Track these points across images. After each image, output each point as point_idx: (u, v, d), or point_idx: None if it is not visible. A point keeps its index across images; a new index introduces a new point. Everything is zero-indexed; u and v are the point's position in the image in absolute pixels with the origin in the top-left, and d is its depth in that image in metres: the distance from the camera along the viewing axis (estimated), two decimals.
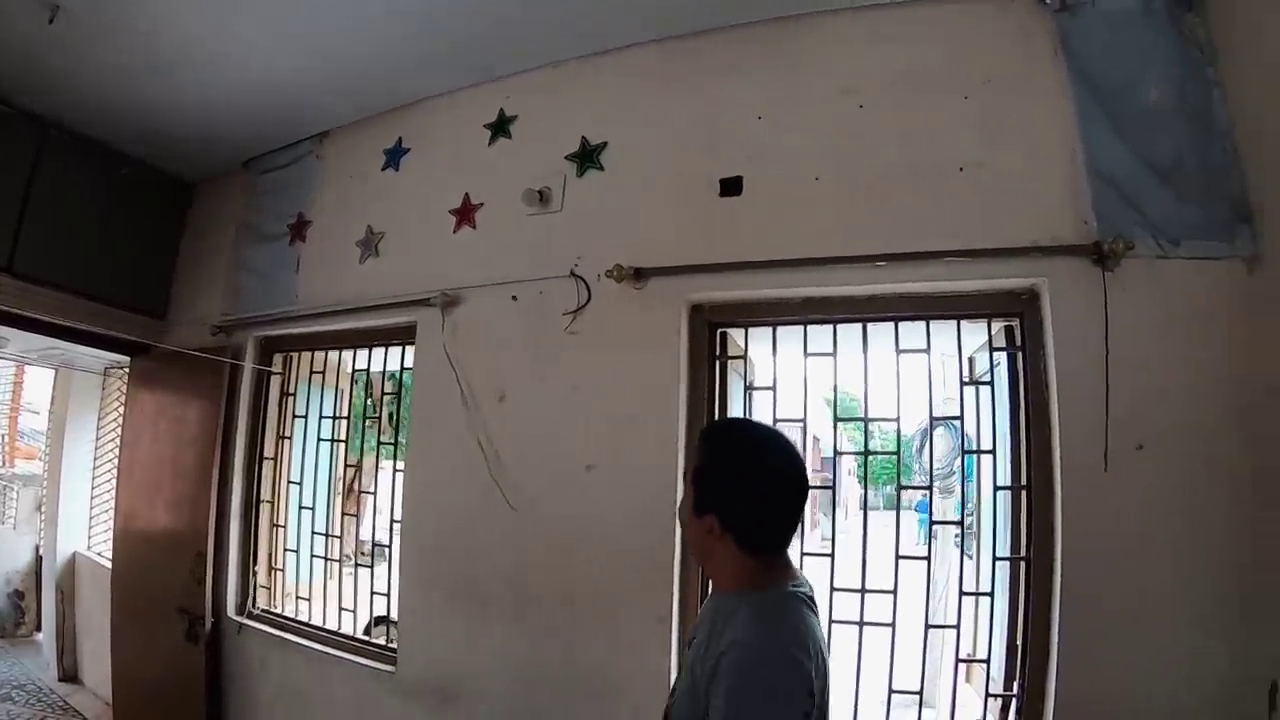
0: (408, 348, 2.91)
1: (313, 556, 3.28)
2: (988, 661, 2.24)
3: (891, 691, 2.24)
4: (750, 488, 1.23)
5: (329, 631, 3.04)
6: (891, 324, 2.33)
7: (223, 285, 3.54)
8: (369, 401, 3.57)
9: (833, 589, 2.33)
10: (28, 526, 5.89)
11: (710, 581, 1.46)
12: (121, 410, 4.21)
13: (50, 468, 4.99)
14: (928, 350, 2.31)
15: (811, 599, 1.25)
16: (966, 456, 2.46)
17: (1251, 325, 1.89)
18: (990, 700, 2.19)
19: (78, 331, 3.45)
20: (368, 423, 3.53)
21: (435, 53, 2.79)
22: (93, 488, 4.79)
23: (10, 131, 3.07)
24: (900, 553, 2.31)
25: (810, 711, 1.09)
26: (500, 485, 2.53)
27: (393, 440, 3.15)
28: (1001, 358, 2.28)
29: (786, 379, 2.47)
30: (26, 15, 2.48)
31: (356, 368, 3.20)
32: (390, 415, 3.19)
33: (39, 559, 5.46)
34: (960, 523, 2.60)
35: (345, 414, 3.44)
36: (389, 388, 3.18)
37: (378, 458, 3.45)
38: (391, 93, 3.08)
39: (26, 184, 3.12)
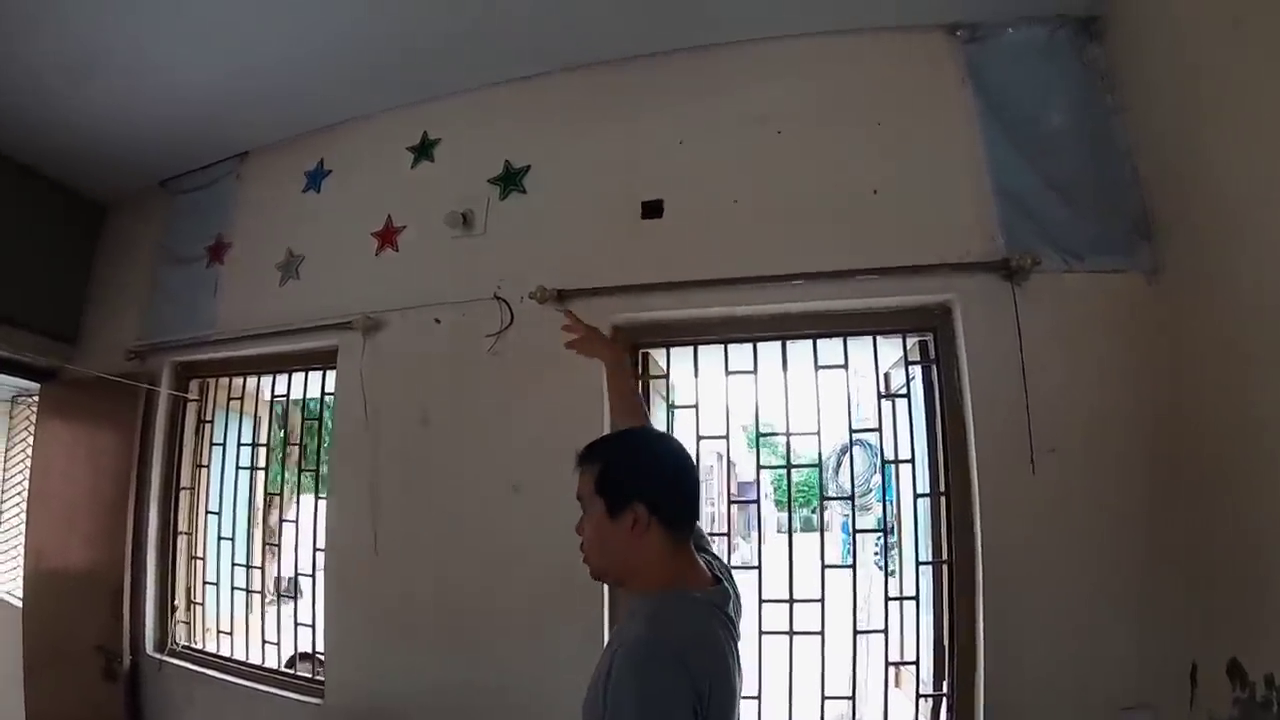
0: (329, 372, 2.85)
1: (233, 589, 3.16)
2: (917, 663, 2.29)
3: (825, 698, 2.27)
4: (661, 467, 1.28)
5: (253, 666, 2.93)
6: (810, 341, 2.39)
7: (138, 309, 3.38)
8: (285, 432, 3.45)
9: (760, 600, 2.36)
10: None
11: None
12: (30, 441, 3.99)
13: None
14: (845, 366, 2.38)
15: (718, 604, 1.24)
16: (886, 467, 2.53)
17: (1152, 333, 2.01)
18: (921, 701, 2.25)
19: None
20: (286, 453, 3.43)
21: (358, 75, 2.75)
22: (0, 524, 4.51)
23: None
24: (826, 563, 2.35)
25: (699, 711, 1.08)
26: (377, 532, 2.52)
27: (313, 470, 3.06)
28: (917, 371, 2.36)
29: (708, 398, 2.51)
30: None
31: (276, 394, 3.10)
32: (308, 446, 3.11)
33: None
34: (884, 530, 2.67)
35: (264, 442, 3.33)
36: (308, 415, 3.10)
37: (299, 489, 3.35)
38: (313, 114, 3.03)
39: None
